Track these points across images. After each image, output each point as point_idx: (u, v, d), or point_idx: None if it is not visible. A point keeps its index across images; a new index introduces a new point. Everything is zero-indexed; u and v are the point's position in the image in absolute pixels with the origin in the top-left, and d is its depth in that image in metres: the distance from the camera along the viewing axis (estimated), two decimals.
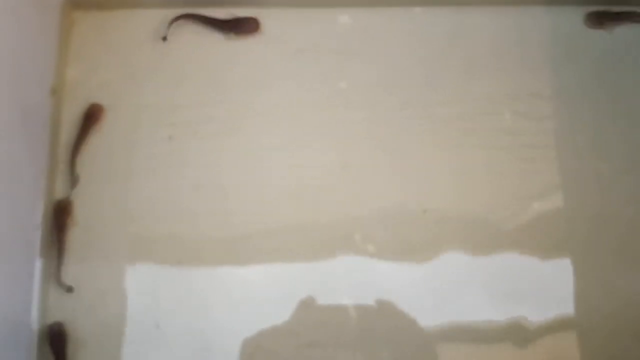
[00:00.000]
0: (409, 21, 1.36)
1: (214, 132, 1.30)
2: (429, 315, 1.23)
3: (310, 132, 1.31)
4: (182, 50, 1.34)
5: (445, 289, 1.25)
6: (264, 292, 1.24)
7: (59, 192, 1.27)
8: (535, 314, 1.23)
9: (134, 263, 1.24)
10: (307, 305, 1.23)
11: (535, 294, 1.24)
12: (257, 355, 1.21)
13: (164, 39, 1.33)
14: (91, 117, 1.29)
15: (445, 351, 1.23)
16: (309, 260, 1.26)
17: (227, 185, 1.28)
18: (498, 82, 1.33)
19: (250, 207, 1.28)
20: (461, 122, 1.31)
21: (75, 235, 1.25)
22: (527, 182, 1.29)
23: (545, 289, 1.25)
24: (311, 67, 1.34)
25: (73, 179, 1.26)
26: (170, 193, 1.28)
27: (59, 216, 1.25)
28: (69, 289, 1.22)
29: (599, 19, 1.36)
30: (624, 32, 1.36)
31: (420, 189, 1.28)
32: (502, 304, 1.24)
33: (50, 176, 1.26)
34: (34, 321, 1.20)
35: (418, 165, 1.29)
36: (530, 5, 1.37)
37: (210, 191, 1.28)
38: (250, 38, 1.34)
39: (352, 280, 1.25)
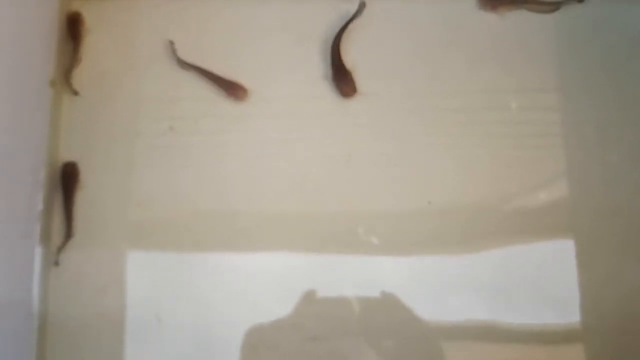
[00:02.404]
0: (414, 11, 1.35)
1: (215, 123, 1.30)
2: (433, 307, 1.22)
3: (312, 123, 1.30)
4: (183, 41, 1.33)
5: (449, 281, 1.24)
6: (266, 284, 1.23)
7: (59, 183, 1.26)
8: (540, 306, 1.22)
9: (135, 254, 1.24)
10: (310, 298, 1.22)
11: (539, 286, 1.23)
12: (259, 348, 1.21)
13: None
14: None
15: (449, 343, 1.22)
16: (312, 253, 1.25)
17: (229, 177, 1.27)
18: (503, 73, 1.32)
19: (252, 198, 1.27)
20: (466, 113, 1.30)
21: (77, 226, 1.24)
22: (532, 173, 1.28)
23: (549, 280, 1.24)
24: (313, 57, 1.33)
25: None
26: (172, 184, 1.27)
27: (67, 180, 1.25)
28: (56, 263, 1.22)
29: (492, 3, 1.33)
30: (629, 22, 1.35)
31: (424, 180, 1.27)
32: (506, 296, 1.23)
33: (50, 167, 1.25)
34: (35, 311, 1.19)
35: (422, 156, 1.28)
36: None
37: (212, 183, 1.27)
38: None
39: (356, 273, 1.24)
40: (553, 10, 1.34)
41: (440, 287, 1.23)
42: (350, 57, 1.32)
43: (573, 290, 1.23)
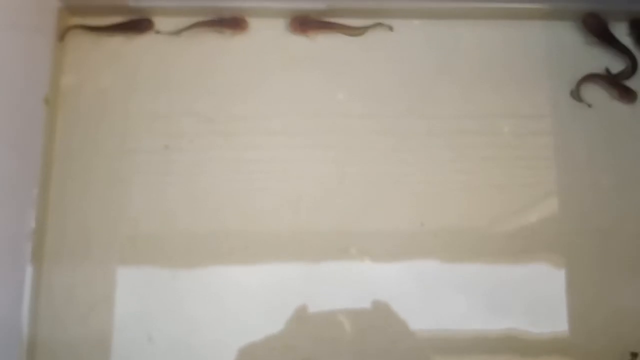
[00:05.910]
0: (408, 33, 1.36)
1: (210, 141, 1.29)
2: (426, 328, 1.23)
3: (307, 142, 1.31)
4: (179, 59, 1.33)
5: (442, 302, 1.24)
6: (259, 304, 1.23)
7: (52, 201, 1.25)
8: (531, 328, 1.23)
9: (127, 272, 1.23)
10: (302, 319, 1.22)
11: (531, 307, 1.24)
12: None
13: None
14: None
15: None
16: (305, 272, 1.25)
17: (224, 196, 1.27)
18: (497, 95, 1.33)
19: (245, 217, 1.27)
20: (459, 135, 1.31)
21: (68, 245, 1.24)
22: (524, 196, 1.29)
23: (540, 302, 1.25)
24: (309, 77, 1.33)
25: None
26: (165, 202, 1.26)
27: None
28: None
29: (302, 27, 1.33)
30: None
31: (418, 201, 1.28)
32: (498, 317, 1.24)
33: (44, 184, 1.25)
34: (24, 330, 1.18)
35: (416, 177, 1.29)
36: (529, 20, 1.37)
37: (206, 201, 1.27)
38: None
39: (348, 293, 1.24)
40: (362, 34, 1.35)
41: (433, 307, 1.24)
42: (344, 77, 1.33)
43: (562, 311, 1.24)
